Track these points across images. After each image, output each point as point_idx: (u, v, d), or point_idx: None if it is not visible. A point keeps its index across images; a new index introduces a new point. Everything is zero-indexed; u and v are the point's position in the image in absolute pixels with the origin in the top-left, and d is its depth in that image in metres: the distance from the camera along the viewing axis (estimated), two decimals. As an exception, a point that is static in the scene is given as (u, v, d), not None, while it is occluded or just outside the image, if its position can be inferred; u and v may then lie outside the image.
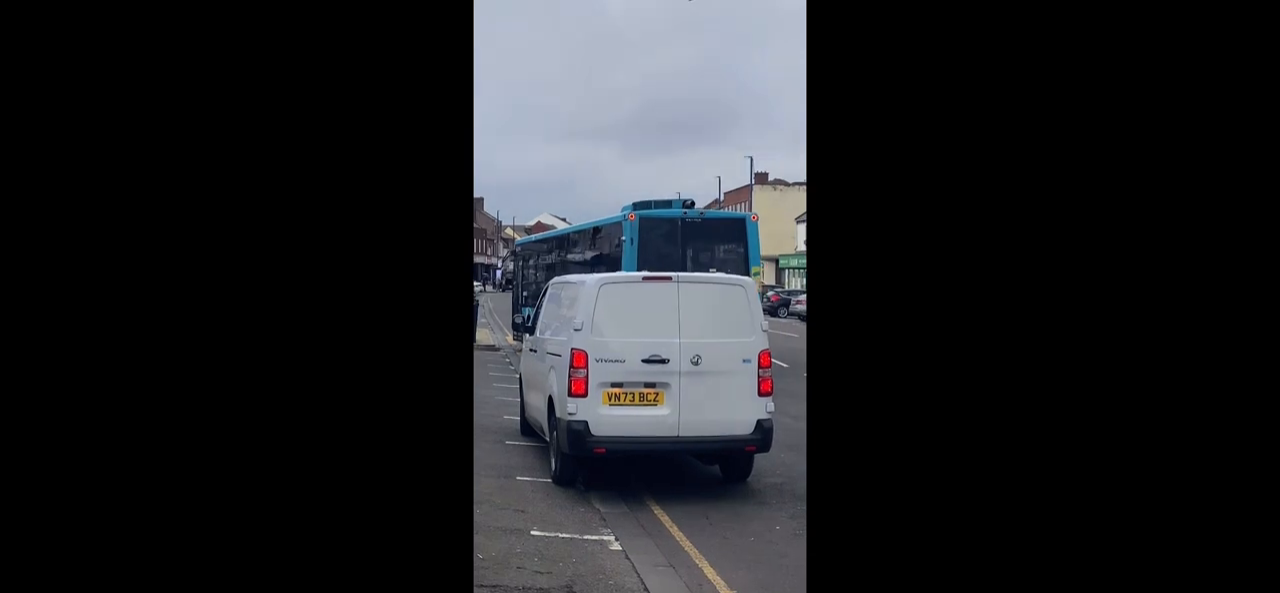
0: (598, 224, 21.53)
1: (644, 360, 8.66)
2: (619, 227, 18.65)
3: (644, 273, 10.35)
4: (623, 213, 18.61)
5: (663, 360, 8.65)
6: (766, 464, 9.85)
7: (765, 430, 8.80)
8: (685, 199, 18.74)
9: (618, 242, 18.46)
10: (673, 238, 17.87)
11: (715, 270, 14.58)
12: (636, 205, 18.58)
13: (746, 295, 9.10)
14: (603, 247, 20.15)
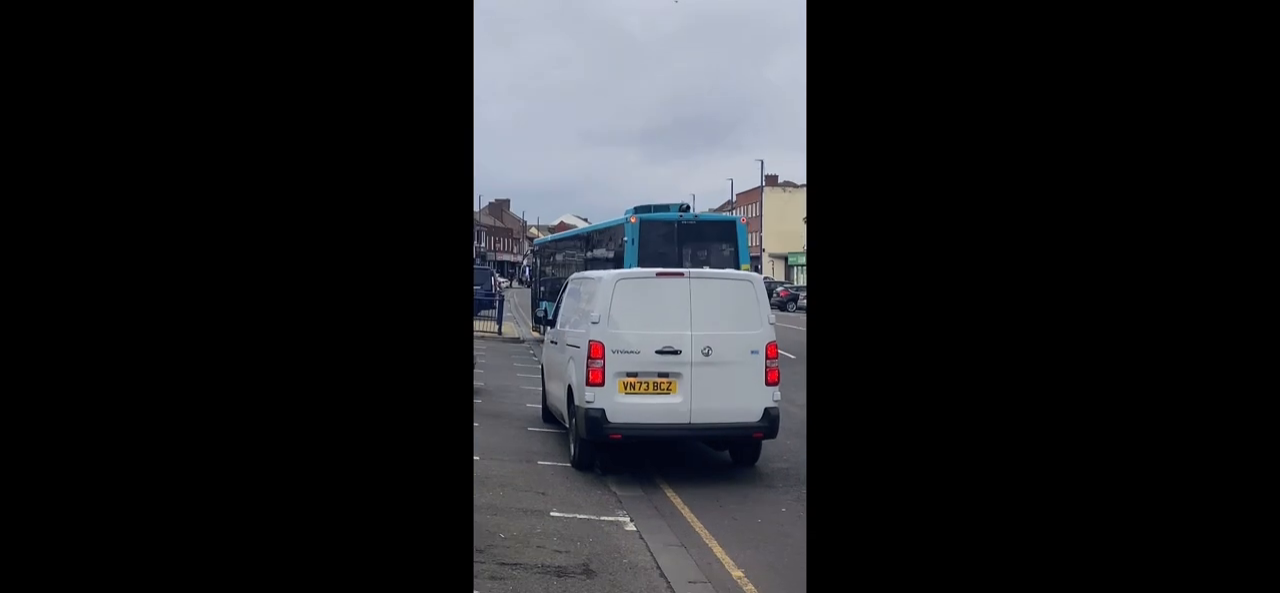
0: (604, 226, 22.12)
1: (658, 352, 8.68)
2: (622, 228, 19.15)
3: (657, 269, 10.37)
4: (625, 216, 19.10)
5: (675, 352, 8.67)
6: (774, 450, 9.86)
7: (772, 418, 8.81)
8: (681, 204, 19.20)
9: (621, 242, 18.94)
10: (670, 238, 18.31)
11: (707, 267, 14.90)
12: (637, 209, 19.06)
13: (754, 290, 9.11)
14: (608, 247, 20.66)
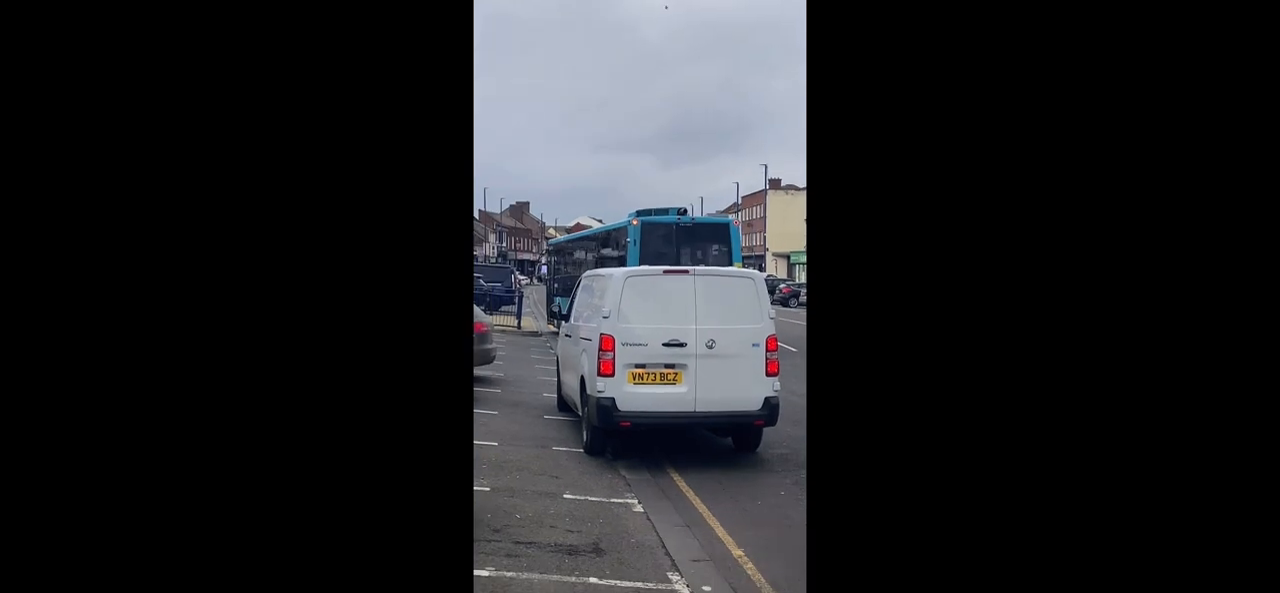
0: (611, 228, 22.71)
1: (664, 344, 8.80)
2: (625, 230, 19.65)
3: (664, 267, 10.51)
4: (628, 219, 19.61)
5: (681, 344, 8.79)
6: (774, 437, 9.96)
7: (772, 407, 8.93)
8: (680, 208, 19.70)
9: (624, 243, 19.40)
10: (669, 239, 18.75)
11: (703, 265, 15.51)
12: (639, 213, 19.58)
13: (755, 287, 9.22)
14: (614, 247, 21.15)
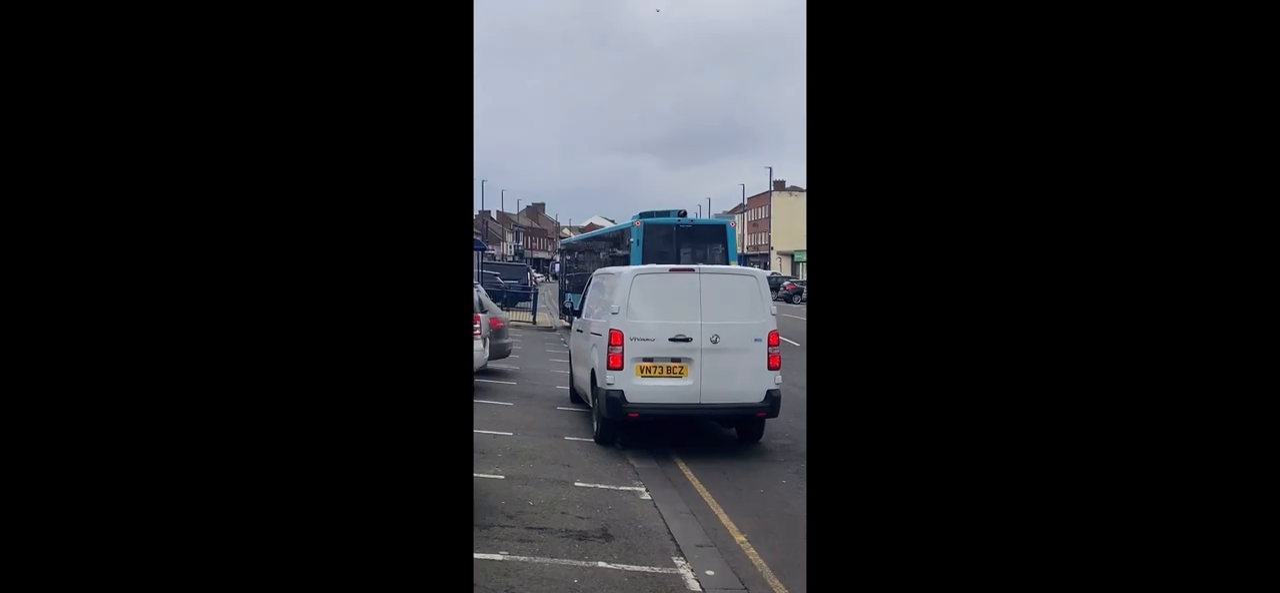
0: (616, 229, 23.36)
1: (671, 339, 8.84)
2: (629, 231, 20.09)
3: (671, 266, 10.56)
4: (631, 221, 20.11)
5: (687, 339, 8.83)
6: (776, 428, 9.98)
7: (774, 399, 8.96)
8: (680, 210, 20.15)
9: (628, 243, 19.79)
10: (670, 240, 19.12)
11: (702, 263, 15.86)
12: (642, 215, 20.06)
13: (758, 284, 9.26)
14: (618, 247, 21.62)
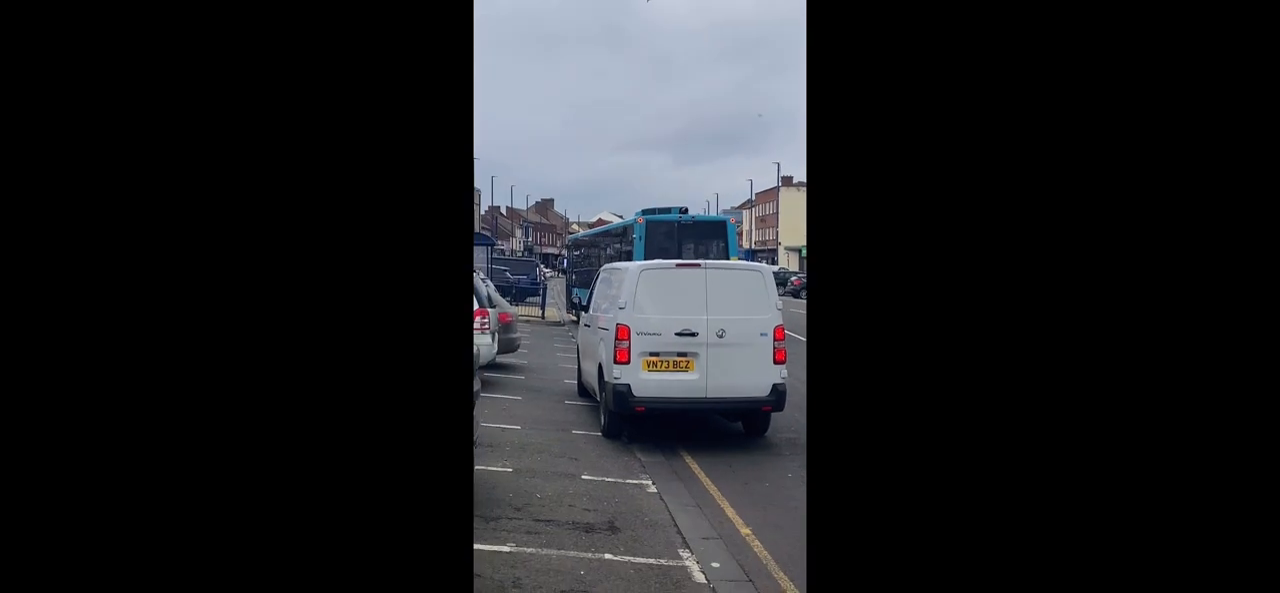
0: (620, 225, 23.44)
1: (677, 334, 8.75)
2: (632, 228, 20.17)
3: (677, 261, 10.49)
4: (634, 217, 20.12)
5: (693, 334, 8.73)
6: (782, 422, 9.89)
7: (780, 393, 8.87)
8: (681, 207, 20.10)
9: (631, 239, 19.87)
10: (671, 236, 19.17)
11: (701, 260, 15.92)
12: (645, 212, 20.03)
13: (764, 279, 9.17)
14: (622, 243, 21.70)
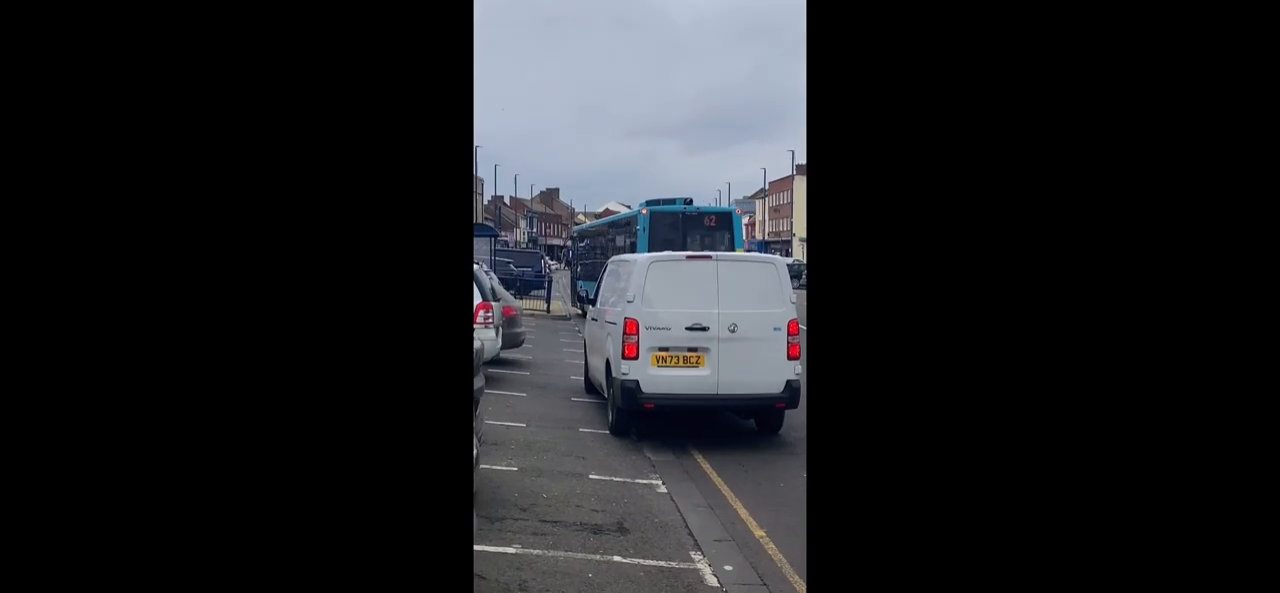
0: (625, 217, 23.53)
1: (687, 328, 8.47)
2: (636, 219, 19.99)
3: (687, 253, 10.26)
4: (639, 209, 19.99)
5: (703, 328, 8.45)
6: (795, 419, 9.51)
7: (794, 390, 8.58)
8: (686, 198, 20.07)
9: (635, 230, 19.70)
10: (676, 227, 19.04)
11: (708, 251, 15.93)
12: (649, 203, 19.95)
13: (777, 272, 8.89)
14: (627, 234, 21.54)
